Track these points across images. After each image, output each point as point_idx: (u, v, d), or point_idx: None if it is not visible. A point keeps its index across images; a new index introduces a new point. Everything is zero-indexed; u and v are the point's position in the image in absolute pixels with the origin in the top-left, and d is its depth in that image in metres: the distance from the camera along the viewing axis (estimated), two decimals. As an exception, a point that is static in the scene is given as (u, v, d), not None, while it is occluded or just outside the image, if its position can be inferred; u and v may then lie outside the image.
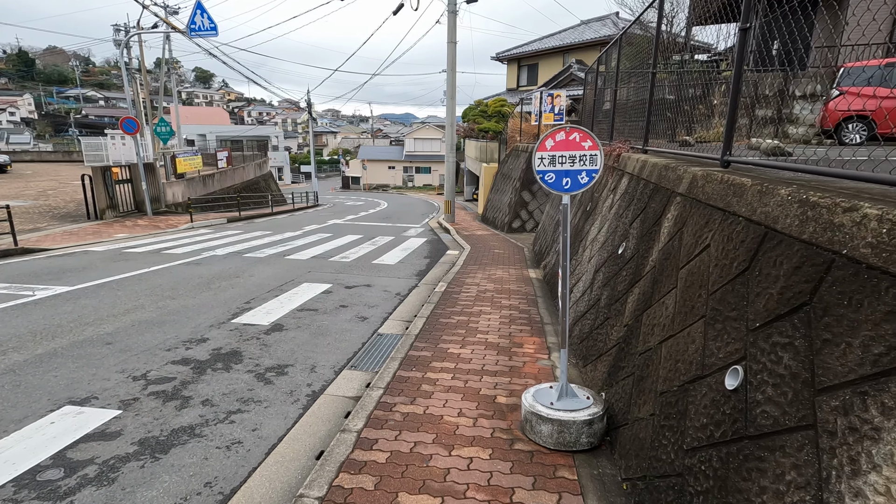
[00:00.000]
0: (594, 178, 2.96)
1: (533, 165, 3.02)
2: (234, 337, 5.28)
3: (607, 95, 8.15)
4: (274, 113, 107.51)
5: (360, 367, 4.56)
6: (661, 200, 3.58)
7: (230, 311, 6.17)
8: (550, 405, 2.99)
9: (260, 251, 10.73)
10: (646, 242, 3.62)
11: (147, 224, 15.31)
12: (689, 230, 2.88)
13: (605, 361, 3.64)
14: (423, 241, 13.49)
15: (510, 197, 15.76)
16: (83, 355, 4.65)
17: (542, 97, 14.90)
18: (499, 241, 13.18)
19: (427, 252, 11.50)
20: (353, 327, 5.75)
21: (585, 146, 2.94)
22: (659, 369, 2.67)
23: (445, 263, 9.90)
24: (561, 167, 2.98)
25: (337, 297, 7.09)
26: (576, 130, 2.94)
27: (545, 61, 30.05)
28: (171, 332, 5.39)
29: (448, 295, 6.80)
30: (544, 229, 10.66)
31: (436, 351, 4.62)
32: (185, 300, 6.62)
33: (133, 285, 7.35)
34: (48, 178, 26.88)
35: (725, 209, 2.51)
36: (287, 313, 6.18)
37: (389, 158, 57.39)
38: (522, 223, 14.87)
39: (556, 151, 2.99)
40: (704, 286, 2.48)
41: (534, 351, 4.66)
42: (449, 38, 16.86)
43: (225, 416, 3.57)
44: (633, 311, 3.39)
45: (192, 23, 14.92)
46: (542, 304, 6.49)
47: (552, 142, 2.98)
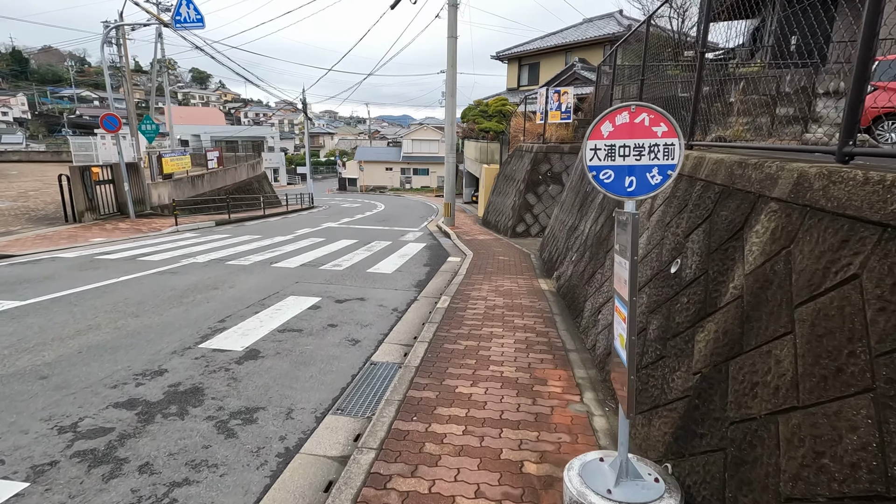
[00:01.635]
0: (670, 178, 2.12)
1: (583, 160, 2.17)
2: (198, 367, 4.40)
3: (632, 91, 7.34)
4: (271, 114, 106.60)
5: (349, 410, 3.70)
6: (737, 207, 2.73)
7: (200, 333, 5.30)
8: (608, 494, 2.13)
9: (245, 258, 9.85)
10: (718, 262, 2.77)
11: (128, 227, 14.40)
12: (805, 250, 2.04)
13: (666, 417, 2.79)
14: (421, 246, 12.64)
15: (513, 200, 14.92)
16: (5, 395, 3.77)
17: (548, 94, 14.08)
18: (503, 246, 12.34)
19: (426, 259, 10.65)
20: (342, 353, 4.88)
21: (658, 132, 2.10)
22: (780, 459, 1.82)
23: (447, 272, 9.05)
24: (623, 162, 2.14)
25: (326, 313, 6.23)
26: (644, 110, 2.10)
27: (547, 60, 29.25)
28: (125, 360, 4.52)
29: (452, 312, 5.95)
30: (553, 235, 9.83)
31: (441, 390, 3.77)
32: (149, 318, 5.75)
33: (94, 299, 6.46)
34: (33, 179, 25.89)
35: (885, 223, 1.68)
36: (266, 335, 5.32)
37: (387, 160, 56.53)
38: (527, 227, 14.03)
39: (616, 139, 2.14)
40: (860, 339, 1.64)
41: (561, 390, 3.81)
42: (449, 33, 16.06)
43: (165, 493, 2.70)
44: (708, 355, 2.55)
45: (178, 14, 14.05)
46: (561, 323, 5.65)
47: (610, 126, 2.14)
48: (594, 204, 6.92)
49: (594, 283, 5.42)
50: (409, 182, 55.54)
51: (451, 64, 16.15)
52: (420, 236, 14.86)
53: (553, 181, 13.86)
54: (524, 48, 30.56)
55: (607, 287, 4.83)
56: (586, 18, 30.56)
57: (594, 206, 6.88)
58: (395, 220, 20.80)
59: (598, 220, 6.36)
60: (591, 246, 6.14)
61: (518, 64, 31.74)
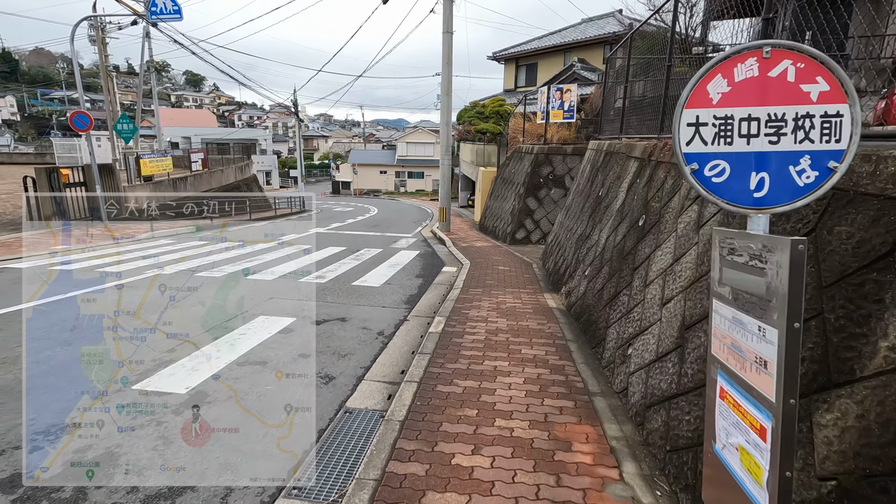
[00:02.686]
0: (834, 175, 1.20)
1: (676, 143, 1.25)
2: (122, 420, 3.44)
3: (640, 88, 6.48)
4: (265, 116, 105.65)
5: (308, 491, 2.74)
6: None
7: (140, 368, 4.32)
8: None
9: (219, 268, 8.88)
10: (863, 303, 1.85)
11: (99, 233, 13.38)
12: None
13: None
14: (414, 254, 11.70)
15: (513, 204, 14.02)
16: None
17: (549, 92, 13.21)
18: (502, 254, 11.42)
19: (419, 269, 9.72)
20: (310, 397, 3.94)
21: (812, 93, 1.18)
22: None
23: (442, 285, 8.12)
24: (748, 146, 1.22)
25: (299, 339, 5.28)
26: (787, 54, 1.18)
27: (545, 61, 28.45)
28: (32, 409, 3.54)
29: (447, 338, 5.02)
30: (559, 243, 8.92)
31: (433, 461, 2.83)
32: (77, 349, 4.78)
33: (16, 324, 5.48)
34: (10, 181, 24.73)
35: None
36: (221, 369, 4.36)
37: (381, 163, 55.59)
38: (527, 234, 13.12)
39: (734, 107, 1.23)
40: None
41: (592, 459, 2.88)
42: (445, 28, 15.18)
43: None
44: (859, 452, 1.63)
45: (154, 4, 13.11)
46: (578, 353, 4.73)
47: (724, 83, 1.23)
48: (611, 210, 6.02)
49: (618, 307, 4.50)
50: (403, 185, 54.62)
51: (447, 61, 15.27)
52: (413, 243, 13.93)
53: (555, 184, 12.98)
54: (521, 48, 29.77)
55: (638, 314, 3.92)
56: (585, 18, 29.82)
57: (611, 212, 5.98)
58: (387, 224, 19.84)
59: (617, 229, 5.45)
60: (611, 260, 5.23)
61: (515, 65, 30.92)
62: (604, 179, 7.00)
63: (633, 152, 5.83)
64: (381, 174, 54.95)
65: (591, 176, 8.08)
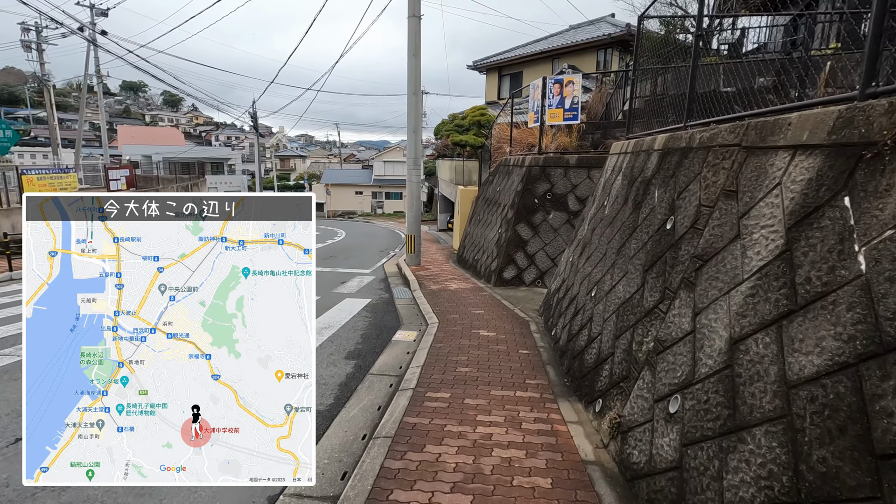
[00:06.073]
0: None
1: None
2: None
3: None
4: (243, 136, 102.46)
5: None
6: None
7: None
8: None
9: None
10: None
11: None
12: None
13: None
14: (363, 304, 8.33)
15: (498, 232, 10.76)
16: None
17: (545, 86, 10.11)
18: (485, 304, 8.10)
19: (359, 336, 6.35)
20: None
21: None
22: None
23: (383, 378, 4.76)
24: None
25: None
26: None
27: (530, 69, 25.69)
28: None
29: None
30: (572, 298, 5.61)
31: None
32: None
33: None
34: None
35: None
36: None
37: (356, 183, 52.36)
38: (519, 272, 9.83)
39: None
40: None
41: None
42: (411, 13, 12.11)
43: None
44: None
45: None
46: None
47: None
48: (727, 266, 2.72)
49: None
50: (381, 207, 51.35)
51: (414, 52, 12.15)
52: (368, 283, 10.55)
53: (555, 206, 9.77)
54: (505, 55, 27.07)
55: None
56: (572, 25, 27.31)
57: (730, 268, 2.68)
58: (346, 255, 16.34)
59: (755, 310, 2.15)
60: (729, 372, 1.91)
61: (498, 74, 28.12)
62: (676, 198, 3.74)
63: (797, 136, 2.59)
64: (356, 195, 51.73)
65: (633, 194, 4.84)
